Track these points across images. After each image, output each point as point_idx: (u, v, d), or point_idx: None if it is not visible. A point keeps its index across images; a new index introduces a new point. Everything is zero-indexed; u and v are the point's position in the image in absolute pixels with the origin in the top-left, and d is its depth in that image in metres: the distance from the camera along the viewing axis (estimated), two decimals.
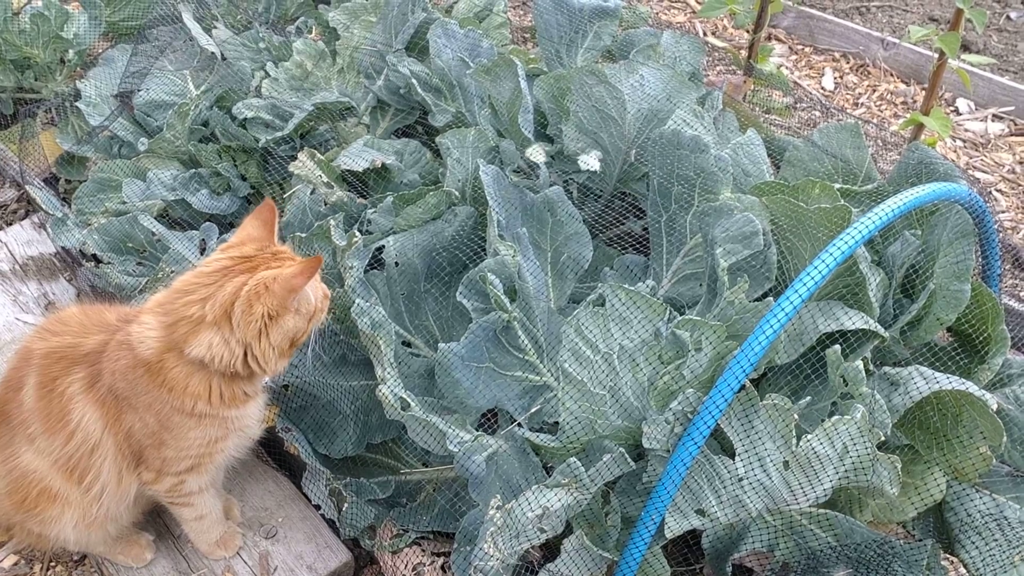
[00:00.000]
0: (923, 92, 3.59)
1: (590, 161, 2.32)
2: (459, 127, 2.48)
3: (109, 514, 1.85)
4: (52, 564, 2.16)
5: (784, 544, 1.95)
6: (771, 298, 1.96)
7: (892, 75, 4.22)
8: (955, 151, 3.72)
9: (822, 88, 4.16)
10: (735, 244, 2.02)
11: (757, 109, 3.14)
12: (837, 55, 4.39)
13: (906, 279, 2.19)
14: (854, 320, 1.91)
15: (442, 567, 1.94)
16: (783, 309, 1.70)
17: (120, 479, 1.81)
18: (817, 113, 3.71)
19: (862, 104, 4.04)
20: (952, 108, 3.97)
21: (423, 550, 1.98)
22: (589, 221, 2.39)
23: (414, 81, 2.71)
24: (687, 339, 1.83)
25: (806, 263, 1.74)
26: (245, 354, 1.68)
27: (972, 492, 1.96)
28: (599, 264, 2.42)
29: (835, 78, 4.23)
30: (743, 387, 1.77)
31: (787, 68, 4.29)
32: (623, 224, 2.60)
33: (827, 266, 1.71)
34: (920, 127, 2.72)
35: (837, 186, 2.14)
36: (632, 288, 1.84)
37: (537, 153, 2.14)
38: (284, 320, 1.67)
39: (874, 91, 4.12)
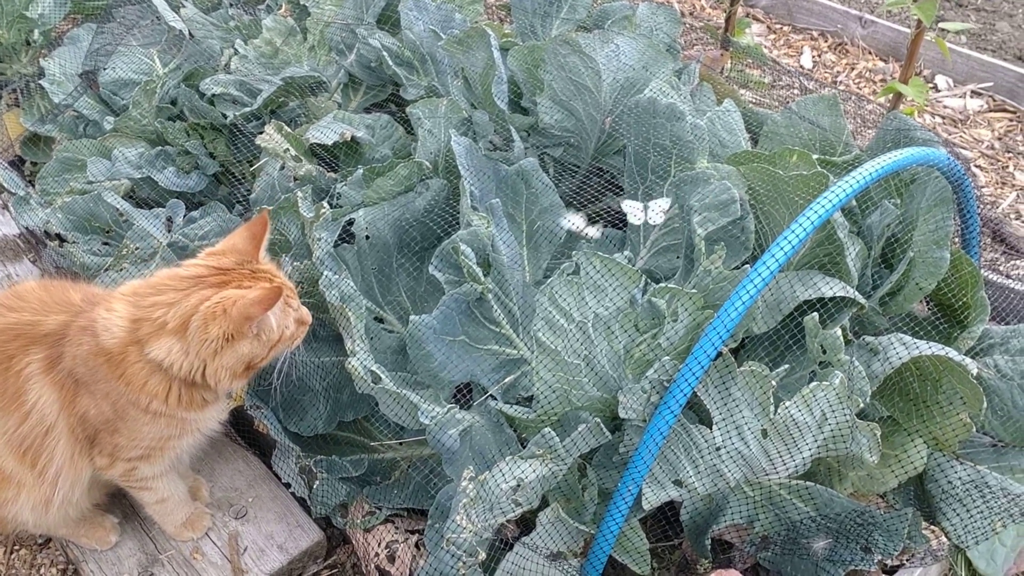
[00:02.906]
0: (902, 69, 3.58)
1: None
2: None
3: (66, 497, 1.80)
4: (16, 548, 2.11)
5: (764, 517, 1.93)
6: (749, 266, 1.93)
7: (870, 53, 4.21)
8: (934, 128, 3.70)
9: (800, 67, 4.14)
10: (712, 212, 1.99)
11: (735, 85, 3.11)
12: (815, 34, 4.37)
13: (885, 249, 2.17)
14: (833, 288, 1.89)
15: (416, 544, 1.90)
16: (760, 274, 1.67)
17: (74, 463, 1.76)
18: (796, 91, 3.69)
19: (840, 82, 4.03)
20: (931, 85, 3.96)
21: (396, 527, 1.94)
22: (566, 197, 2.36)
23: (385, 54, 2.67)
24: (663, 307, 1.80)
25: (783, 231, 1.71)
26: (203, 368, 1.65)
27: (955, 462, 1.95)
28: (576, 238, 2.38)
29: (813, 57, 4.21)
30: (720, 354, 1.75)
31: (766, 47, 4.27)
32: (601, 201, 2.56)
33: (804, 230, 1.68)
34: (898, 97, 2.70)
35: (815, 156, 2.12)
36: (607, 255, 1.81)
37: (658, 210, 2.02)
38: (239, 344, 1.64)
39: (852, 69, 4.11)
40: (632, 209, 2.11)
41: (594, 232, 2.10)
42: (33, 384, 1.69)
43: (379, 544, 1.90)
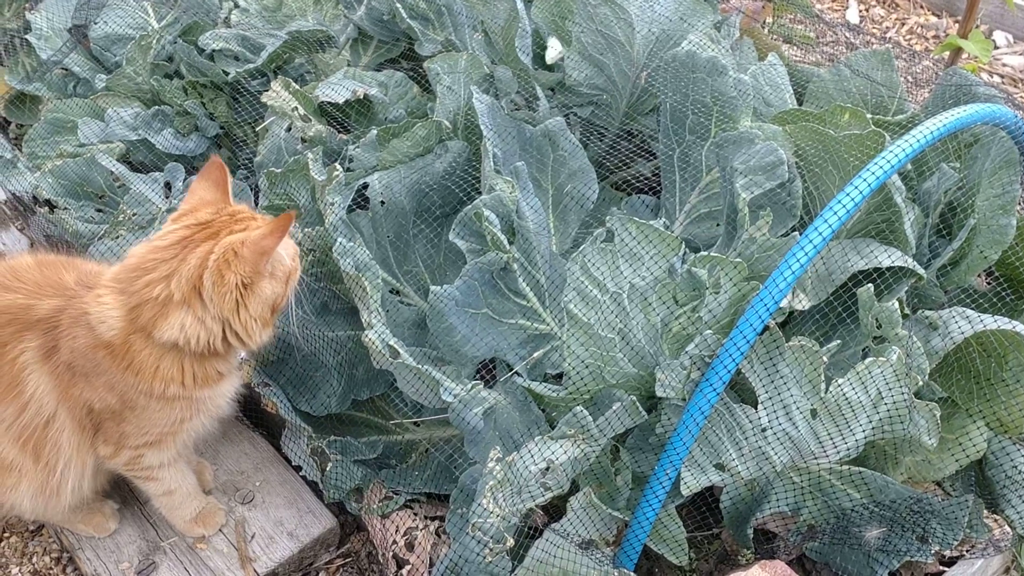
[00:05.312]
0: (956, 25, 3.54)
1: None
2: None
3: (68, 486, 1.81)
4: (6, 535, 2.13)
5: (811, 504, 1.92)
6: (796, 234, 1.92)
7: (922, 7, 4.17)
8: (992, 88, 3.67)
9: (846, 22, 4.10)
10: (757, 175, 1.97)
11: (779, 39, 3.08)
12: None
13: (943, 218, 2.15)
14: (891, 257, 1.88)
15: (436, 532, 1.91)
16: (811, 241, 1.66)
17: (79, 452, 1.78)
18: (842, 47, 3.65)
19: (890, 39, 3.99)
20: (990, 41, 3.91)
21: (415, 513, 1.94)
22: (595, 161, 2.35)
23: (399, 6, 2.65)
24: (704, 278, 1.79)
25: (835, 195, 1.69)
26: (224, 331, 1.64)
27: (1020, 447, 1.93)
28: (606, 208, 2.37)
29: (860, 11, 4.17)
30: (766, 328, 1.74)
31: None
32: (631, 166, 2.55)
33: (860, 193, 1.67)
34: (957, 53, 2.67)
35: (868, 116, 2.10)
36: (643, 221, 1.80)
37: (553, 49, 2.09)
38: (261, 287, 1.63)
39: (903, 24, 4.07)
40: None
41: None
42: (30, 374, 1.70)
43: (397, 531, 1.91)
